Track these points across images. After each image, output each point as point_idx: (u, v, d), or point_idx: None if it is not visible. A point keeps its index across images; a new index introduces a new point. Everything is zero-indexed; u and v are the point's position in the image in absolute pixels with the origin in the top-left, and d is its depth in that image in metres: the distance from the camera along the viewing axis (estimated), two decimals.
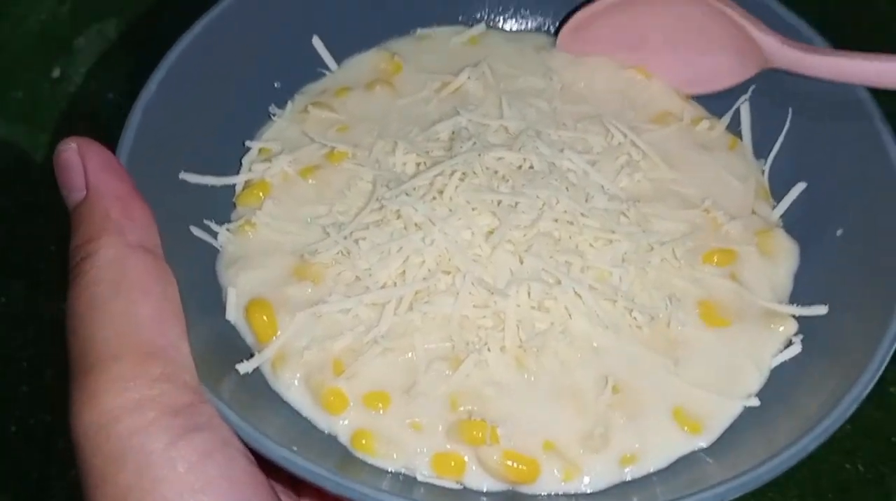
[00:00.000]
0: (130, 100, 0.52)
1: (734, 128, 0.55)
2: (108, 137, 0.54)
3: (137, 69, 0.76)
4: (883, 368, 0.42)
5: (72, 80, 0.75)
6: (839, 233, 0.49)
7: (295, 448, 0.39)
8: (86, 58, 0.76)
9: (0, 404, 0.63)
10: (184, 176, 0.49)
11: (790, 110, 0.52)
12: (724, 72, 0.54)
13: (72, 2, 0.79)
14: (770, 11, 0.53)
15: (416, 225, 0.47)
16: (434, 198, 0.48)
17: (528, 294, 0.46)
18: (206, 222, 0.49)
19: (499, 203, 0.47)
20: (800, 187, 0.52)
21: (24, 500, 0.61)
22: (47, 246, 0.68)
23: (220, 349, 0.45)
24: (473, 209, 0.47)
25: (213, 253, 0.49)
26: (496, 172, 0.49)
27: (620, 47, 0.57)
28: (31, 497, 0.60)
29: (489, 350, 0.45)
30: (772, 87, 0.53)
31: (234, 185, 0.52)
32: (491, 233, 0.47)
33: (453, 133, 0.52)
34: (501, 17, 0.60)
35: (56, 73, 0.76)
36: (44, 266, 0.67)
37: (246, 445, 0.39)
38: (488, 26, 0.60)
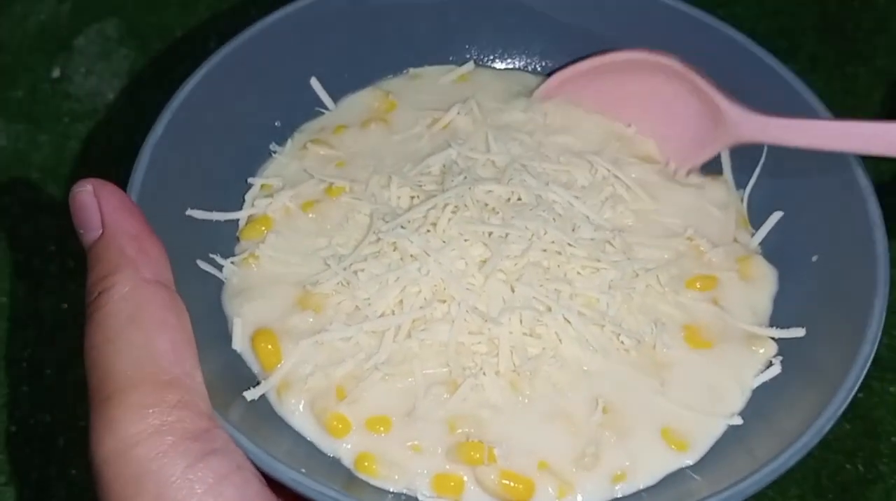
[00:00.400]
0: (130, 100, 0.52)
1: (714, 159, 0.57)
2: (108, 137, 0.54)
3: (137, 69, 0.76)
4: (857, 387, 0.44)
5: (72, 80, 0.75)
6: (814, 259, 0.51)
7: (303, 471, 0.41)
8: (86, 57, 0.76)
9: (0, 404, 0.63)
10: (191, 212, 0.51)
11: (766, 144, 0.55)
12: (704, 142, 0.55)
13: (72, 1, 0.79)
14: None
15: (411, 256, 0.49)
16: (428, 231, 0.50)
17: (520, 321, 0.48)
18: (212, 256, 0.51)
19: (490, 234, 0.49)
20: (776, 216, 0.54)
21: (24, 500, 0.60)
22: (48, 246, 0.68)
23: (227, 377, 0.47)
24: (466, 240, 0.49)
25: (219, 285, 0.51)
26: (486, 205, 0.51)
27: (605, 106, 0.58)
28: (31, 497, 0.60)
29: (485, 374, 0.47)
30: None
31: (237, 220, 0.53)
32: (483, 263, 0.49)
33: (444, 167, 0.54)
34: (490, 57, 0.62)
35: (56, 72, 0.75)
36: (44, 266, 0.67)
37: (257, 468, 0.41)
38: (477, 65, 0.62)
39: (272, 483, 0.41)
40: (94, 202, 0.43)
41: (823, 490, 0.59)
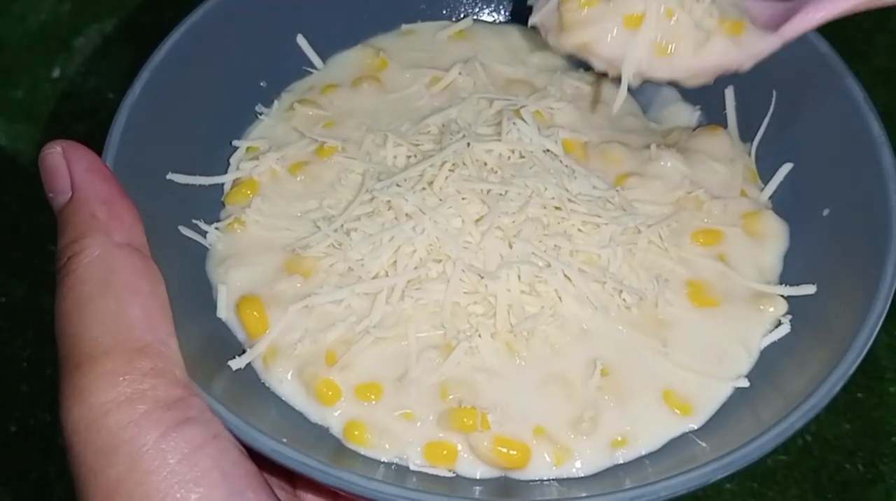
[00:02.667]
0: None
1: (720, 113, 0.55)
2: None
3: (137, 68, 0.77)
4: (869, 345, 0.41)
5: (72, 80, 0.75)
6: (826, 212, 0.49)
7: (285, 440, 0.39)
8: (86, 57, 0.76)
9: (0, 404, 0.63)
10: (171, 176, 0.49)
11: (774, 93, 0.52)
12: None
13: (72, 1, 0.79)
14: None
15: (406, 215, 0.47)
16: (424, 189, 0.48)
17: (519, 277, 0.46)
18: (195, 221, 0.49)
19: (488, 192, 0.47)
20: (786, 168, 0.51)
21: (24, 500, 0.60)
22: (47, 245, 0.67)
23: (212, 346, 0.45)
24: (463, 198, 0.47)
25: (203, 252, 0.49)
26: (485, 164, 0.49)
27: None
28: (31, 497, 0.60)
29: (480, 336, 0.45)
30: (756, 72, 0.53)
31: (222, 185, 0.52)
32: (480, 220, 0.47)
33: (443, 126, 0.52)
34: (486, 10, 0.60)
35: (56, 72, 0.76)
36: (44, 265, 0.67)
37: (238, 440, 0.39)
38: (473, 20, 0.59)
39: (256, 456, 0.39)
40: (63, 164, 0.42)
41: (823, 489, 0.59)
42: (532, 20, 0.50)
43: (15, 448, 0.62)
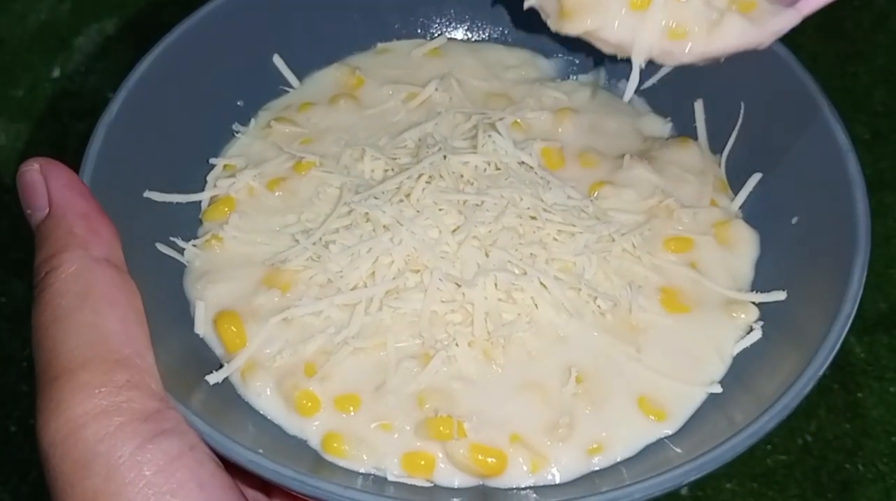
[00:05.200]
0: None
1: (690, 125, 0.55)
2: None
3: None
4: (838, 347, 0.41)
5: (72, 79, 0.75)
6: (794, 221, 0.49)
7: (261, 451, 0.38)
8: (85, 56, 0.76)
9: (0, 404, 0.62)
10: (148, 194, 0.48)
11: (742, 106, 0.52)
12: None
13: (72, 1, 0.79)
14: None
15: (384, 226, 0.47)
16: (401, 201, 0.48)
17: (496, 285, 0.46)
18: (173, 239, 0.49)
19: (464, 203, 0.48)
20: (755, 178, 0.52)
21: (24, 499, 0.60)
22: None
23: (190, 362, 0.45)
24: (440, 209, 0.48)
25: (181, 268, 0.49)
26: (461, 176, 0.50)
27: None
28: (31, 497, 0.60)
29: (457, 345, 0.45)
30: (724, 84, 0.53)
31: (199, 202, 0.52)
32: (457, 230, 0.47)
33: (419, 140, 0.52)
34: (460, 29, 0.60)
35: (56, 71, 0.75)
36: None
37: (214, 452, 0.38)
38: (447, 38, 0.60)
39: (233, 469, 0.39)
40: (41, 180, 0.42)
41: (823, 489, 0.58)
42: (529, 2, 0.46)
43: (15, 448, 0.61)
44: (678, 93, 0.56)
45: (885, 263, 0.66)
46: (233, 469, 0.39)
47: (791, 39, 0.73)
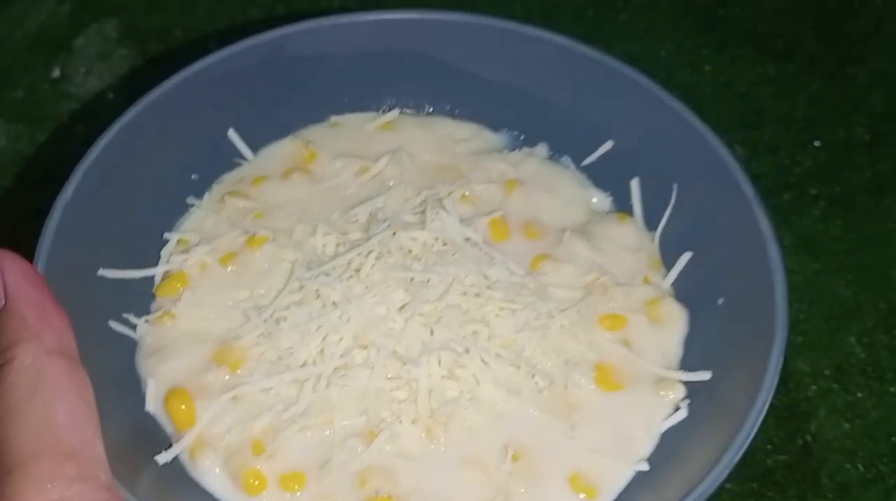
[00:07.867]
0: (130, 101, 0.53)
1: (628, 201, 0.58)
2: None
3: (137, 69, 0.74)
4: (754, 433, 0.43)
5: (71, 80, 0.74)
6: (720, 301, 0.50)
7: None
8: (85, 58, 0.75)
9: None
10: (102, 272, 0.49)
11: (675, 186, 0.55)
12: None
13: (71, 1, 0.78)
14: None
15: (333, 303, 0.48)
16: (351, 277, 0.49)
17: (439, 362, 0.47)
18: (126, 315, 0.49)
19: (412, 280, 0.49)
20: (686, 256, 0.53)
21: None
22: None
23: (140, 440, 0.45)
24: (388, 286, 0.49)
25: (134, 345, 0.50)
26: (410, 251, 0.51)
27: None
28: None
29: (401, 422, 0.46)
30: (658, 164, 0.56)
31: (153, 277, 0.52)
32: (404, 307, 0.49)
33: (370, 215, 0.54)
34: (411, 103, 0.61)
35: (55, 73, 0.74)
36: None
37: None
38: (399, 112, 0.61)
39: None
40: None
41: (823, 489, 0.57)
42: None
43: None
44: (616, 169, 0.58)
45: (885, 264, 0.65)
46: None
47: (789, 41, 0.74)
